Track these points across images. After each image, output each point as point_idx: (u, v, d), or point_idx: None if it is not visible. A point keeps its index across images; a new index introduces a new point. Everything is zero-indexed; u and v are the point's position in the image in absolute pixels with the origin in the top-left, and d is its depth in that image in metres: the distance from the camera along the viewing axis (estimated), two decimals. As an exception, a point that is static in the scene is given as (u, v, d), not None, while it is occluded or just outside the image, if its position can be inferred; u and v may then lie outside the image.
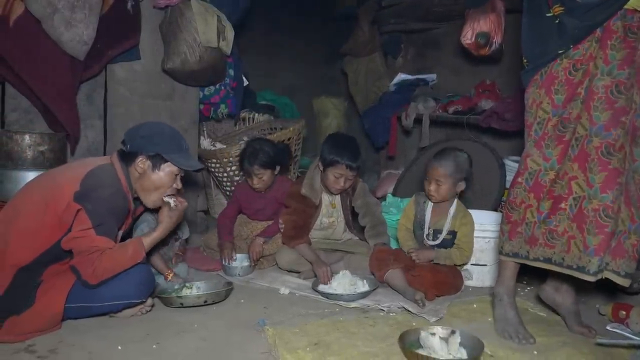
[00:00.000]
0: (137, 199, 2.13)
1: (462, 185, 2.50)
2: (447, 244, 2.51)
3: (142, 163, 2.04)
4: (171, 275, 2.42)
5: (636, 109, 1.70)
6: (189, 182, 3.23)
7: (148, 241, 2.04)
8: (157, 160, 2.06)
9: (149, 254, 2.18)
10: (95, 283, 1.88)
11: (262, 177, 2.86)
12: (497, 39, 3.70)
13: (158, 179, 2.07)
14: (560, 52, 1.76)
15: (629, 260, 1.72)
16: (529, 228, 1.87)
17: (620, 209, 1.70)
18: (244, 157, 2.88)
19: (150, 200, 2.11)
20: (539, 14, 1.78)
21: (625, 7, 1.64)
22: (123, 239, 2.09)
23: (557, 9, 1.71)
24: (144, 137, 2.06)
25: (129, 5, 3.04)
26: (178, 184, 2.14)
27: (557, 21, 1.72)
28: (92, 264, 1.84)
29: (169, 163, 2.07)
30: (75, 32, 2.67)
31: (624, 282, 1.73)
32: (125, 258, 1.94)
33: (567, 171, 1.78)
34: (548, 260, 1.83)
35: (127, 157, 2.06)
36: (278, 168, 2.95)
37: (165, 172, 2.07)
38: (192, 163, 2.16)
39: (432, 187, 2.47)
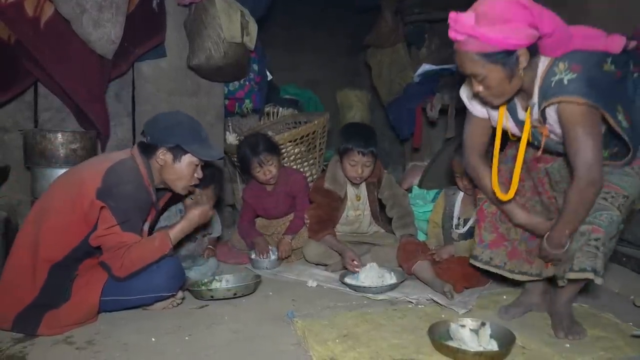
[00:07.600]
0: (160, 190, 2.17)
1: None
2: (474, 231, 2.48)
3: (162, 155, 2.07)
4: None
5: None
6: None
7: (174, 233, 2.08)
8: (178, 151, 2.08)
9: (177, 246, 2.23)
10: (124, 276, 1.92)
11: (272, 164, 2.84)
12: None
13: (179, 170, 2.11)
14: None
15: (522, 262, 2.02)
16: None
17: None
18: (247, 153, 2.84)
19: (177, 188, 2.16)
20: None
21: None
22: (150, 232, 2.13)
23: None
24: (163, 129, 2.08)
25: (154, 3, 3.08)
26: (199, 173, 2.18)
27: None
28: (120, 258, 1.89)
29: (189, 154, 2.10)
30: (103, 31, 2.72)
31: (520, 277, 2.02)
32: (152, 250, 1.98)
33: None
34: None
35: (147, 149, 2.09)
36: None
37: (186, 163, 2.11)
38: (212, 153, 2.17)
39: (466, 182, 2.46)
